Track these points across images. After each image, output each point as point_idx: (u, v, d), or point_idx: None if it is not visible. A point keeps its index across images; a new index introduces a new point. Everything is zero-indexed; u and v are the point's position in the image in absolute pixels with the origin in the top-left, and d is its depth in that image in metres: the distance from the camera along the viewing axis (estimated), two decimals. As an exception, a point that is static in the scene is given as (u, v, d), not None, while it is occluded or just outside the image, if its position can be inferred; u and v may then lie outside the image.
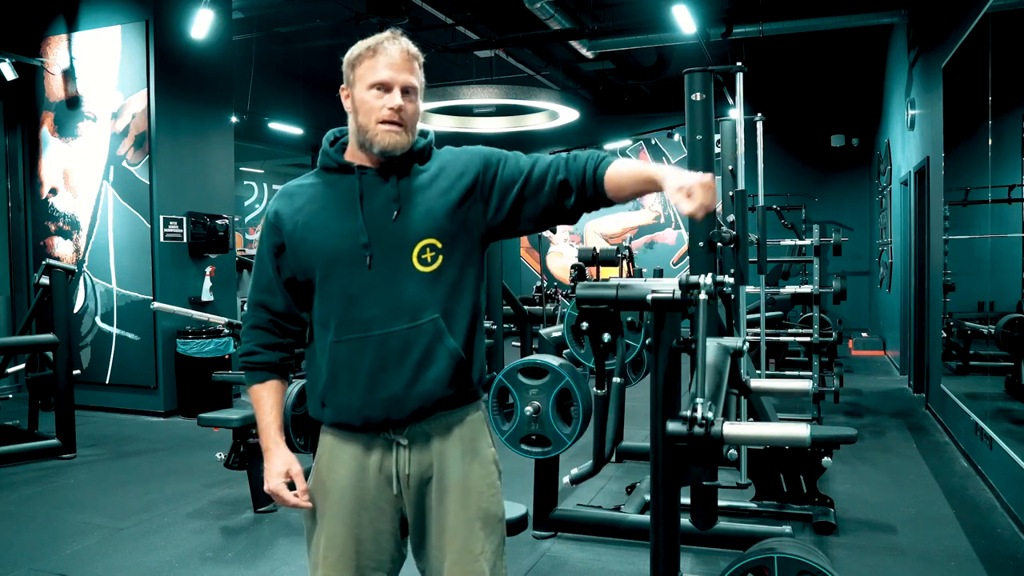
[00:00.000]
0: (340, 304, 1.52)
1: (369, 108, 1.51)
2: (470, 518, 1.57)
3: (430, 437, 1.57)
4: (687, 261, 6.71)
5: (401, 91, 1.51)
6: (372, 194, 1.54)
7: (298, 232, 1.55)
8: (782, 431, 1.77)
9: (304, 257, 1.55)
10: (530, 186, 1.57)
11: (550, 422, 2.80)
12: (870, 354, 9.70)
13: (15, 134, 7.11)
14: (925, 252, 6.36)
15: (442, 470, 1.57)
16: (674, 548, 1.88)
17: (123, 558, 3.40)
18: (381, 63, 1.50)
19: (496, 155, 1.61)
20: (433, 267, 1.52)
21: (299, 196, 1.59)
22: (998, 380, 4.19)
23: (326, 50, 9.82)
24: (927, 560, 3.28)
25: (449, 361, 1.52)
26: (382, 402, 1.51)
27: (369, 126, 1.51)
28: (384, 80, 1.50)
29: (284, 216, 1.57)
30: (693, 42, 8.49)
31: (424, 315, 1.51)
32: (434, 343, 1.51)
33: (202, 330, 6.32)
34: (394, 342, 1.50)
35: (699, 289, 1.66)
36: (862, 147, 11.96)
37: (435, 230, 1.52)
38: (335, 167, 1.57)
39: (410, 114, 1.52)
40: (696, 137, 3.35)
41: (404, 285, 1.51)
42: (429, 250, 1.52)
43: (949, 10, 5.24)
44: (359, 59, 1.53)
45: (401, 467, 1.55)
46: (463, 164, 1.59)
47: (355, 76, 1.53)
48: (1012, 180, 3.98)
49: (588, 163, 1.56)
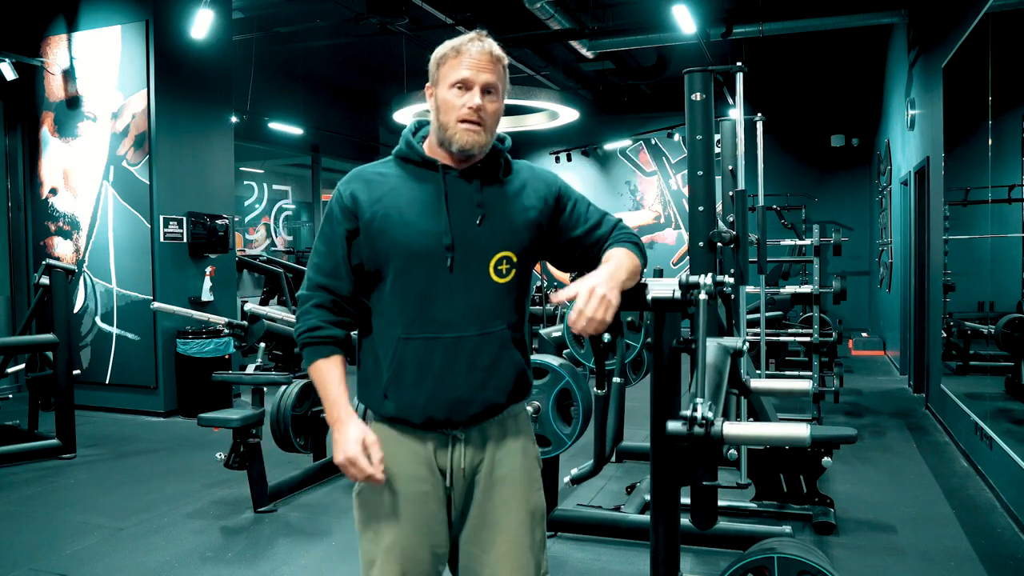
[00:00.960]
0: (415, 302, 1.55)
1: (450, 106, 1.54)
2: (521, 511, 1.61)
3: (485, 433, 1.61)
4: (687, 261, 6.71)
5: (482, 90, 1.54)
6: (456, 195, 1.57)
7: (377, 222, 1.55)
8: (782, 431, 1.76)
9: (381, 249, 1.55)
10: (581, 235, 1.67)
11: (550, 422, 2.80)
12: (870, 354, 9.70)
13: (15, 134, 7.11)
14: (925, 252, 6.36)
15: (492, 464, 1.61)
16: (674, 548, 1.88)
17: (123, 558, 3.40)
18: (464, 63, 1.54)
19: (569, 192, 1.70)
20: (507, 279, 1.59)
21: (379, 184, 1.59)
22: (998, 380, 4.19)
23: (326, 50, 9.83)
24: (927, 560, 3.28)
25: (513, 371, 1.60)
26: (447, 403, 1.55)
27: (449, 124, 1.54)
28: (465, 79, 1.54)
29: (363, 202, 1.56)
30: (693, 42, 8.49)
31: (495, 324, 1.57)
32: (501, 352, 1.58)
33: (202, 330, 6.32)
34: (466, 346, 1.55)
35: (699, 289, 1.66)
36: (862, 147, 11.95)
37: (514, 244, 1.59)
38: (418, 160, 1.60)
39: (490, 114, 1.56)
40: (696, 137, 3.35)
41: (480, 292, 1.56)
42: (505, 262, 1.58)
43: (949, 10, 5.24)
44: (444, 59, 1.57)
45: (456, 461, 1.59)
46: (545, 187, 1.66)
47: (439, 75, 1.57)
48: (1012, 180, 3.98)
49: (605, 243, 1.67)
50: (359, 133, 12.53)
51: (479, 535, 1.61)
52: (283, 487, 4.18)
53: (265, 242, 13.13)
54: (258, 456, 3.96)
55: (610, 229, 1.68)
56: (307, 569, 3.27)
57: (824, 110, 12.09)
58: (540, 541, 1.65)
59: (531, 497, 1.64)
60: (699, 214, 3.37)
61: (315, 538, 3.62)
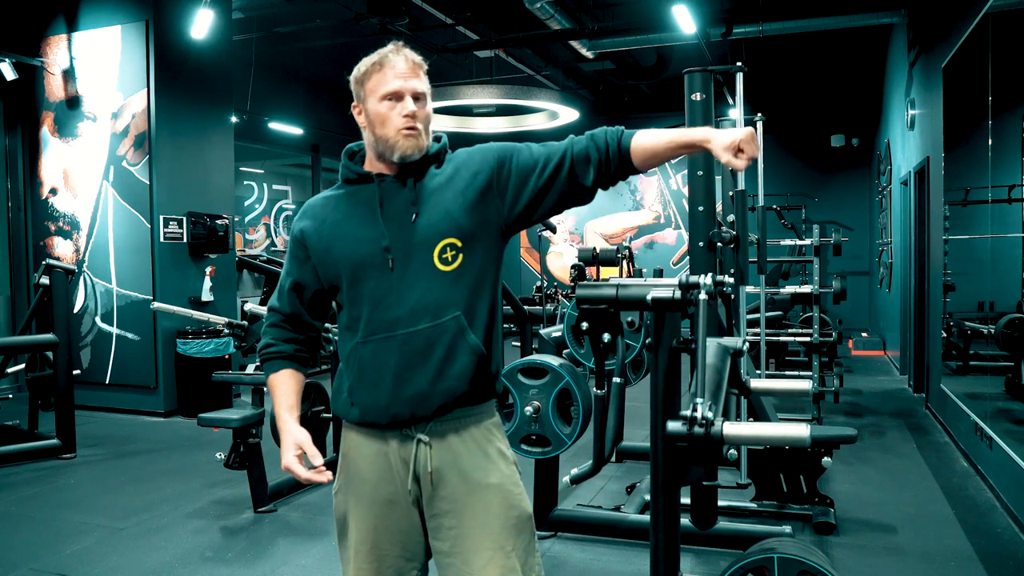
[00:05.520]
0: (366, 307, 1.58)
1: (385, 119, 1.57)
2: (501, 517, 1.60)
3: (450, 434, 1.60)
4: (687, 261, 6.70)
5: (412, 98, 1.57)
6: (391, 199, 1.59)
7: (323, 243, 1.62)
8: (782, 431, 1.76)
9: (331, 266, 1.61)
10: (545, 175, 1.60)
11: (550, 422, 2.80)
12: (870, 354, 9.71)
13: (15, 134, 7.11)
14: (925, 252, 6.36)
15: (465, 469, 1.59)
16: (674, 548, 1.88)
17: (123, 558, 3.40)
18: (389, 75, 1.56)
19: (509, 149, 1.63)
20: (454, 266, 1.57)
21: (323, 210, 1.65)
22: (998, 380, 4.19)
23: (326, 50, 9.83)
24: (927, 560, 3.28)
25: (471, 357, 1.57)
26: (408, 400, 1.56)
27: (389, 135, 1.56)
28: (395, 90, 1.56)
29: (309, 232, 1.64)
30: (693, 42, 8.49)
31: (446, 313, 1.55)
32: (456, 340, 1.56)
33: (202, 330, 6.32)
34: (418, 341, 1.55)
35: (699, 289, 1.66)
36: (862, 147, 11.95)
37: (454, 229, 1.57)
38: (355, 178, 1.64)
39: (423, 118, 1.58)
40: (696, 137, 3.35)
41: (426, 285, 1.55)
42: (449, 249, 1.56)
43: (949, 10, 5.24)
44: (367, 75, 1.59)
45: (423, 463, 1.59)
46: (478, 162, 1.62)
47: (365, 91, 1.60)
48: (1012, 180, 3.98)
49: (609, 138, 1.59)
50: (359, 133, 12.50)
51: (460, 546, 1.58)
52: (283, 487, 4.18)
53: (265, 242, 13.13)
54: (258, 456, 3.96)
55: (575, 145, 1.59)
56: (307, 569, 3.27)
57: (824, 110, 12.09)
58: (525, 545, 1.62)
59: (510, 501, 1.61)
60: (699, 214, 3.37)
61: (315, 538, 3.62)
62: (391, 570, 1.62)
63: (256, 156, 12.03)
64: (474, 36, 8.60)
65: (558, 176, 1.59)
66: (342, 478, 1.67)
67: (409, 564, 1.63)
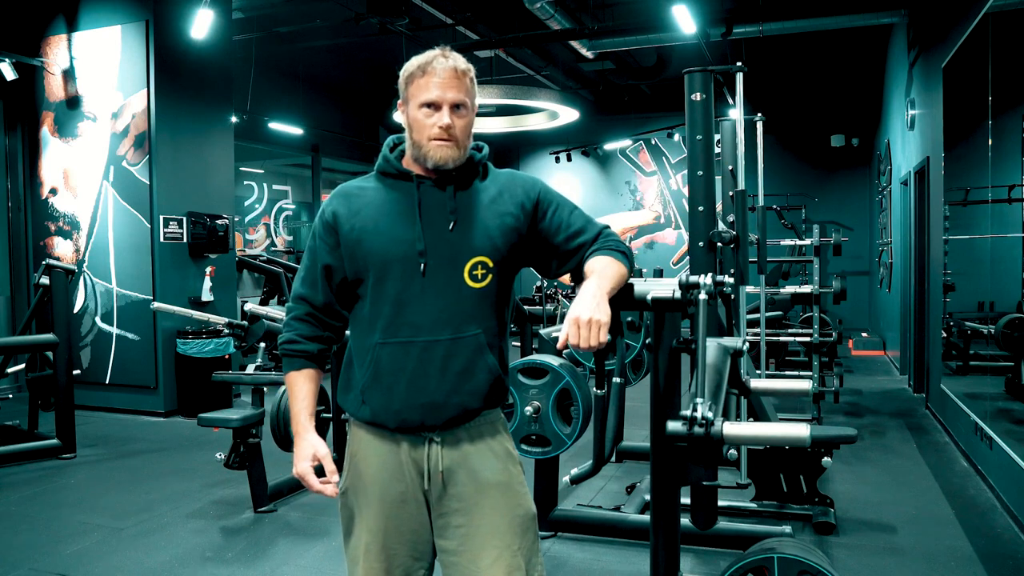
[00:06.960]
0: (390, 307, 1.58)
1: (420, 126, 1.57)
2: (508, 516, 1.61)
3: (461, 438, 1.62)
4: (687, 261, 6.70)
5: (451, 108, 1.56)
6: (429, 203, 1.60)
7: (355, 234, 1.60)
8: (782, 431, 1.76)
9: (360, 258, 1.60)
10: (562, 250, 1.66)
11: (550, 422, 2.80)
12: (870, 354, 9.70)
13: (15, 134, 7.11)
14: (925, 252, 6.36)
15: (473, 470, 1.61)
16: (674, 548, 1.88)
17: (123, 558, 3.40)
18: (431, 83, 1.56)
19: (550, 197, 1.68)
20: (483, 284, 1.59)
21: (358, 198, 1.64)
22: (998, 380, 4.19)
23: (326, 50, 9.83)
24: (927, 560, 3.28)
25: (488, 376, 1.60)
26: (421, 407, 1.57)
27: (422, 143, 1.57)
28: (433, 100, 1.55)
29: (342, 217, 1.62)
30: (693, 42, 8.49)
31: (468, 329, 1.57)
32: (475, 357, 1.58)
33: (202, 330, 6.32)
34: (438, 351, 1.56)
35: (699, 289, 1.66)
36: (862, 147, 11.95)
37: (489, 249, 1.59)
38: (394, 173, 1.64)
39: (460, 129, 1.58)
40: (696, 137, 3.35)
41: (454, 297, 1.57)
42: (480, 267, 1.58)
43: (949, 10, 5.24)
44: (411, 78, 1.59)
45: (433, 463, 1.60)
46: (523, 193, 1.65)
47: (408, 94, 1.60)
48: (1012, 180, 3.98)
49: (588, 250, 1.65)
50: (359, 133, 12.53)
51: (468, 544, 1.60)
52: (283, 487, 4.18)
53: (265, 242, 13.12)
54: (258, 456, 3.96)
55: (594, 236, 1.66)
56: (307, 569, 3.27)
57: (824, 110, 12.09)
58: (530, 545, 1.64)
59: (518, 501, 1.64)
60: (699, 214, 3.37)
61: (315, 538, 3.62)
62: (400, 570, 1.63)
63: (256, 156, 12.03)
64: (474, 36, 8.60)
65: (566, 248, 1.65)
66: (349, 478, 1.67)
67: (417, 564, 1.64)
